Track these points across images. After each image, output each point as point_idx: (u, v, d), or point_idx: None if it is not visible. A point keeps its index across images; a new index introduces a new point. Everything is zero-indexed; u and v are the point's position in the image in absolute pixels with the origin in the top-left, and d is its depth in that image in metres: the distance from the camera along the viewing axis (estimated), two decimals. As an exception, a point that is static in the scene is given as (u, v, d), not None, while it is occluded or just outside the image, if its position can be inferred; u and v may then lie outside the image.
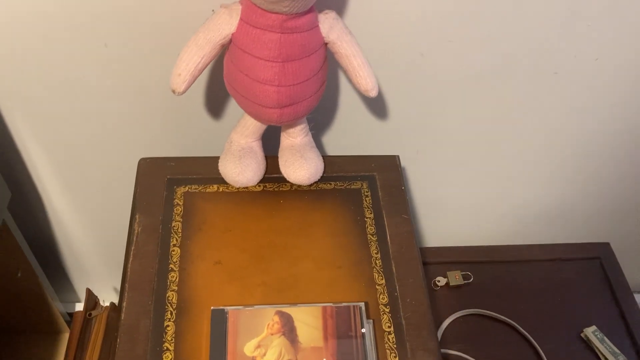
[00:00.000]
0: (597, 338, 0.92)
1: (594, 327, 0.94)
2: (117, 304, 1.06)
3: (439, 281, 0.97)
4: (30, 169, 0.89)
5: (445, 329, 0.93)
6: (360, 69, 0.66)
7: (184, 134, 0.85)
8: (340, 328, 0.59)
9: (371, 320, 0.63)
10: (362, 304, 0.61)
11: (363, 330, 0.59)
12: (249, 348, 0.57)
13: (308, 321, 0.59)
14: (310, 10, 0.61)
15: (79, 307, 1.20)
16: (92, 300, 1.05)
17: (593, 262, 1.03)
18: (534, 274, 1.00)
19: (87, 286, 1.08)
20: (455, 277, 0.98)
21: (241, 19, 0.61)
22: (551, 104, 0.87)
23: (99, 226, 1.02)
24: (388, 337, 0.63)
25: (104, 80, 0.77)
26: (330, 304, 0.60)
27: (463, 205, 1.04)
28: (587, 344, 0.93)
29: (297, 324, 0.59)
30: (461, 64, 0.79)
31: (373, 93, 0.68)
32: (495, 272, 1.00)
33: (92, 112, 0.81)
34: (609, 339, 0.93)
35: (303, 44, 0.62)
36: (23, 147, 0.85)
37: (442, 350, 0.90)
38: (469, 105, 0.86)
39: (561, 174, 1.00)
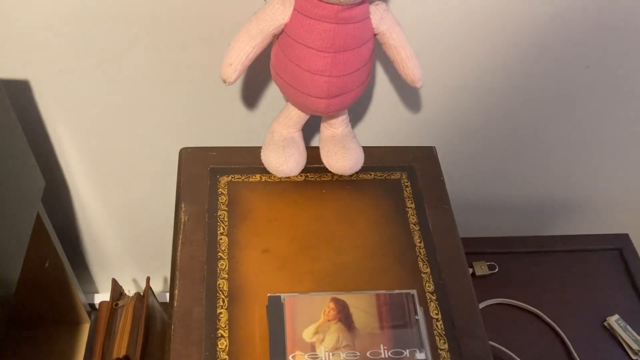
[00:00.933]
0: (620, 326, 0.94)
1: (616, 316, 0.96)
2: (141, 294, 1.06)
3: (465, 271, 0.98)
4: (60, 159, 0.88)
5: (473, 318, 0.94)
6: (409, 60, 0.67)
7: (221, 125, 0.85)
8: (395, 315, 0.60)
9: (422, 308, 0.64)
10: (414, 291, 0.62)
11: (417, 317, 0.60)
12: (307, 334, 0.58)
13: (363, 308, 0.60)
14: (363, 1, 0.61)
15: (98, 298, 1.21)
16: (117, 290, 1.06)
17: (613, 252, 1.05)
18: (556, 265, 1.02)
19: (107, 277, 1.08)
20: (481, 268, 0.99)
21: (295, 9, 0.62)
22: (579, 97, 0.88)
23: (124, 218, 1.02)
24: (437, 324, 0.65)
25: (142, 69, 0.77)
26: (384, 291, 0.61)
27: (487, 197, 1.05)
28: (611, 332, 0.95)
29: (352, 310, 0.60)
30: (491, 55, 0.80)
31: (419, 84, 0.69)
32: (518, 262, 1.02)
33: (126, 102, 0.81)
34: (631, 327, 0.95)
35: (355, 35, 0.62)
36: (54, 136, 0.85)
37: (472, 339, 0.91)
38: (496, 98, 0.87)
39: (583, 167, 1.02)
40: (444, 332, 0.64)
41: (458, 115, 0.89)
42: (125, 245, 1.10)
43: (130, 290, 1.08)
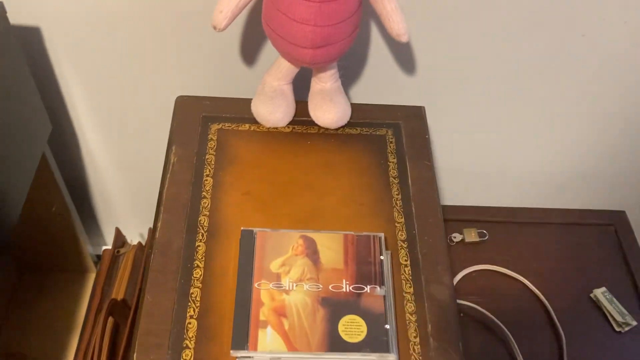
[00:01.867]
0: (606, 299, 0.95)
1: (603, 288, 0.96)
2: (143, 244, 1.11)
3: (455, 237, 1.00)
4: (69, 105, 0.93)
5: (458, 281, 0.96)
6: (394, 13, 0.69)
7: (219, 76, 0.88)
8: (360, 254, 0.62)
9: (389, 251, 0.66)
10: (381, 234, 0.64)
11: (381, 257, 0.62)
12: (274, 265, 0.61)
13: (330, 246, 0.63)
14: (349, -48, 0.63)
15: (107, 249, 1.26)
16: (120, 239, 1.11)
17: (608, 228, 1.05)
18: (548, 237, 1.03)
19: (114, 230, 1.13)
20: (472, 234, 1.01)
21: (283, -41, 0.64)
22: (576, 68, 0.89)
23: (131, 168, 1.06)
24: (404, 270, 0.67)
25: (143, 17, 0.80)
26: (352, 233, 0.64)
27: (482, 166, 1.07)
28: (596, 304, 0.95)
29: (319, 247, 0.62)
30: (491, 21, 0.81)
31: (404, 38, 0.70)
32: (510, 232, 1.03)
33: (131, 50, 0.85)
34: (618, 301, 0.95)
35: (341, -14, 0.65)
36: (63, 82, 0.89)
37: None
38: (494, 65, 0.88)
39: (581, 141, 1.02)
40: (410, 277, 0.66)
41: (451, 77, 0.90)
42: (132, 197, 1.14)
43: (133, 240, 1.13)
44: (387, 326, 0.58)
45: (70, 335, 1.16)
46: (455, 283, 0.96)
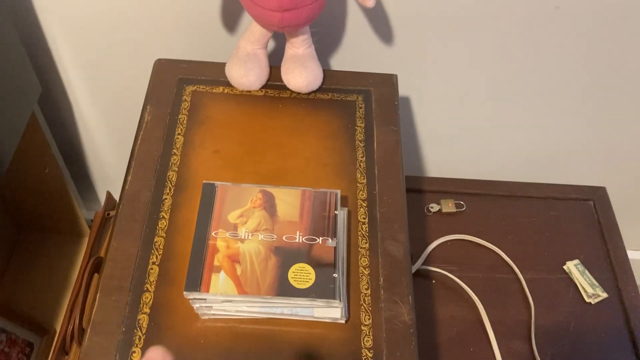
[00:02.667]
0: (578, 270, 0.96)
1: (576, 261, 0.97)
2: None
3: (432, 207, 1.02)
4: (60, 69, 0.97)
5: (433, 249, 0.98)
6: (358, -21, 0.71)
7: (197, 40, 0.91)
8: (316, 209, 0.65)
9: (346, 208, 0.69)
10: (337, 191, 0.66)
11: (336, 212, 0.65)
12: (232, 216, 0.64)
13: (288, 200, 0.65)
14: None
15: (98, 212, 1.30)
16: (111, 202, 1.15)
17: (586, 203, 1.06)
18: (526, 210, 1.04)
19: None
20: (448, 205, 1.02)
21: None
22: (551, 41, 0.90)
23: (120, 130, 1.10)
24: (362, 227, 0.69)
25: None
26: (310, 189, 0.67)
27: (462, 140, 1.08)
28: (569, 275, 0.97)
29: (277, 201, 0.65)
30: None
31: (370, 3, 0.72)
32: (488, 204, 1.04)
33: (117, 13, 0.88)
34: (591, 273, 0.96)
35: (305, -51, 0.67)
36: (53, 44, 0.93)
37: (427, 267, 0.95)
38: (471, 37, 0.89)
39: (561, 116, 1.03)
40: (367, 234, 0.69)
41: (432, 45, 0.91)
42: (123, 160, 1.18)
43: (123, 204, 1.16)
44: (335, 275, 0.60)
45: (64, 294, 1.21)
46: (429, 252, 0.98)
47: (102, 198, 1.31)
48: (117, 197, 1.16)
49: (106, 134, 1.11)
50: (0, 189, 0.83)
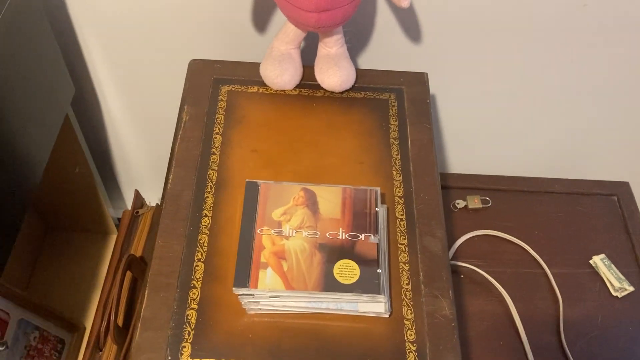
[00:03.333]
0: (605, 265, 0.97)
1: (602, 255, 0.99)
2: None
3: (458, 203, 1.03)
4: (91, 70, 0.98)
5: (460, 245, 0.99)
6: (394, -20, 0.72)
7: (231, 41, 0.92)
8: (357, 206, 0.66)
9: (385, 205, 0.70)
10: (377, 188, 0.68)
11: (377, 209, 0.66)
12: (276, 214, 0.65)
13: (329, 198, 0.67)
14: None
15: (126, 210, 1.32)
16: (139, 200, 1.16)
17: (610, 198, 1.07)
18: (551, 205, 1.05)
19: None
20: (475, 201, 1.03)
21: None
22: (580, 37, 0.90)
23: (149, 131, 1.11)
24: (400, 223, 0.71)
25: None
26: (350, 187, 0.68)
27: (487, 136, 1.09)
28: (595, 270, 0.98)
29: (319, 199, 0.67)
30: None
31: (405, 3, 0.73)
32: (513, 200, 1.05)
33: (149, 16, 0.89)
34: (617, 268, 0.98)
35: (343, -49, 0.68)
36: (85, 46, 0.94)
37: (455, 263, 0.96)
38: (499, 34, 0.90)
39: (584, 112, 1.04)
40: (405, 230, 0.70)
41: (458, 45, 0.92)
42: (150, 160, 1.20)
43: (151, 202, 1.18)
44: (379, 270, 0.62)
45: (93, 292, 1.23)
46: (457, 247, 0.99)
47: (127, 197, 1.33)
48: (145, 195, 1.18)
49: (134, 134, 1.12)
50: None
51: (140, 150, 1.17)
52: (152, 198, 1.27)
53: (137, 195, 1.15)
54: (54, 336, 1.13)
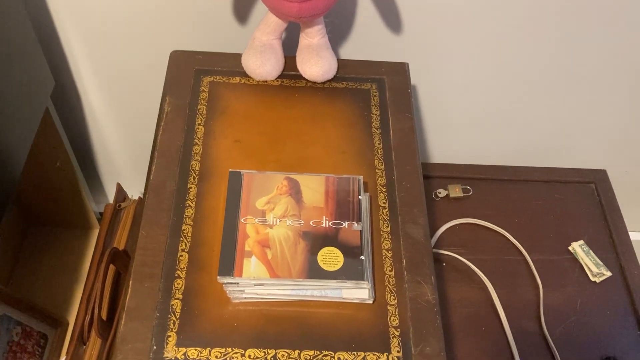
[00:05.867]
0: (583, 251, 0.99)
1: (581, 241, 1.01)
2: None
3: (439, 192, 1.05)
4: (70, 62, 0.97)
5: (442, 233, 1.01)
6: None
7: (212, 32, 0.92)
8: (340, 194, 0.67)
9: (368, 193, 0.71)
10: (360, 177, 0.69)
11: (360, 197, 0.67)
12: (260, 203, 0.65)
13: (313, 187, 0.67)
14: None
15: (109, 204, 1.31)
16: (121, 194, 1.16)
17: (588, 186, 1.09)
18: (530, 193, 1.07)
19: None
20: (456, 190, 1.05)
21: None
22: (554, 30, 0.92)
23: (130, 124, 1.11)
24: (382, 211, 0.72)
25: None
26: (333, 175, 0.69)
27: (468, 126, 1.10)
28: (574, 256, 1.00)
29: (302, 188, 0.67)
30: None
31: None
32: (494, 189, 1.07)
33: (129, 7, 0.88)
34: (595, 253, 1.00)
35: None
36: (65, 38, 0.94)
37: (437, 251, 0.98)
38: (480, 25, 0.91)
39: (562, 103, 1.05)
40: (388, 218, 0.71)
41: (438, 35, 0.93)
42: (132, 154, 1.19)
43: (134, 195, 1.18)
44: (363, 257, 0.62)
45: (76, 287, 1.22)
46: (438, 235, 1.01)
47: (109, 191, 1.33)
48: (127, 189, 1.17)
49: (116, 127, 1.12)
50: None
51: (122, 144, 1.16)
52: (135, 192, 1.26)
53: (119, 189, 1.15)
54: (37, 331, 1.12)
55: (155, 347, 0.60)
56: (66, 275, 1.23)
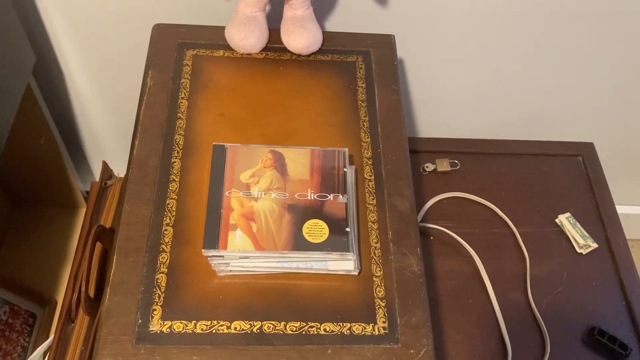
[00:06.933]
0: (570, 223, 1.00)
1: (568, 214, 1.01)
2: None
3: (427, 167, 1.04)
4: (52, 36, 0.95)
5: (430, 207, 1.01)
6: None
7: (195, 4, 0.90)
8: (325, 167, 0.66)
9: (353, 166, 0.71)
10: (345, 149, 0.68)
11: (345, 169, 0.66)
12: (244, 176, 0.65)
13: (298, 160, 0.67)
14: None
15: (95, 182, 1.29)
16: (107, 172, 1.14)
17: (575, 159, 1.09)
18: (518, 167, 1.07)
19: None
20: (443, 164, 1.04)
21: None
22: (541, 2, 0.91)
23: (114, 101, 1.09)
24: (368, 184, 0.71)
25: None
26: (318, 148, 0.68)
27: (455, 100, 1.10)
28: (561, 228, 1.00)
29: (287, 161, 0.67)
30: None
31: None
32: (481, 162, 1.07)
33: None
34: (582, 226, 1.00)
35: None
36: (44, 13, 0.92)
37: (425, 224, 0.98)
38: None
39: (550, 75, 1.05)
40: (374, 191, 0.71)
41: (426, 8, 0.92)
42: (117, 131, 1.18)
43: (120, 173, 1.16)
44: (348, 229, 0.62)
45: (63, 266, 1.22)
46: (426, 209, 1.01)
47: (95, 169, 1.31)
48: (113, 167, 1.16)
49: (100, 102, 1.10)
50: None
51: (107, 121, 1.15)
52: (121, 169, 1.25)
53: (105, 167, 1.13)
54: (25, 310, 1.12)
55: (140, 321, 0.60)
56: (54, 254, 1.23)
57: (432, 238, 0.98)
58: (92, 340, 0.83)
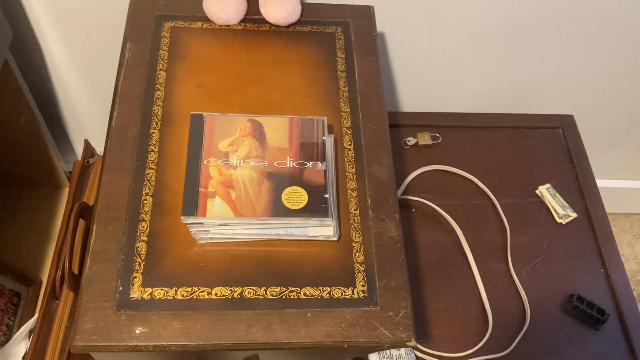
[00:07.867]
0: (550, 194, 1.01)
1: (548, 185, 1.02)
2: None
3: (409, 140, 1.05)
4: (28, 11, 0.94)
5: (412, 180, 1.01)
6: None
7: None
8: (304, 135, 0.67)
9: (332, 135, 0.71)
10: (324, 118, 0.68)
11: (324, 137, 0.67)
12: (222, 145, 0.65)
13: (276, 128, 0.67)
14: None
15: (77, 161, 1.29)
16: (89, 150, 1.14)
17: (555, 131, 1.10)
18: (499, 140, 1.08)
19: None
20: (425, 138, 1.05)
21: None
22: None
23: (95, 75, 1.08)
24: (348, 153, 0.72)
25: None
26: (297, 117, 0.68)
27: (436, 73, 1.10)
28: (541, 199, 1.02)
29: (266, 129, 0.67)
30: None
31: None
32: (463, 136, 1.08)
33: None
34: (562, 197, 1.01)
35: None
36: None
37: (406, 197, 0.98)
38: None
39: (530, 47, 1.05)
40: (353, 160, 0.71)
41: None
42: (98, 108, 1.17)
43: (102, 151, 1.16)
44: (327, 195, 0.63)
45: (48, 246, 1.21)
46: (408, 182, 1.01)
47: (77, 149, 1.31)
48: (95, 145, 1.15)
49: (79, 78, 1.09)
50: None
51: (87, 97, 1.14)
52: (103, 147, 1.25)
53: (87, 145, 1.13)
54: (9, 290, 1.12)
55: (121, 288, 0.60)
56: (38, 235, 1.22)
57: (413, 210, 0.99)
58: (75, 313, 0.83)
